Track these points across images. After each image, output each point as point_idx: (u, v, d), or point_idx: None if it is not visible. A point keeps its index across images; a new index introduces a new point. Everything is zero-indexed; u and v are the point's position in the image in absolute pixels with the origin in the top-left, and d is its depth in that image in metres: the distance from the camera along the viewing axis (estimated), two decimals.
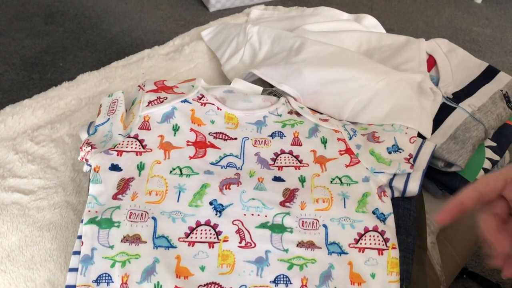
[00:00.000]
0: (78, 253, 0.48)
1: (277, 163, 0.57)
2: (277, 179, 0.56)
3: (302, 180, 0.56)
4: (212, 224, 0.51)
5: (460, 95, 0.68)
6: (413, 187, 0.56)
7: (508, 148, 0.68)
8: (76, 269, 0.47)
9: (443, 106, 0.66)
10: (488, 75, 0.72)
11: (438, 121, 0.65)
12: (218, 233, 0.51)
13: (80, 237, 0.49)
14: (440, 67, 0.73)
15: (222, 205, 0.53)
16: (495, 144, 0.65)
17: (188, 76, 0.78)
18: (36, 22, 1.96)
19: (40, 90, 0.74)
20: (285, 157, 0.58)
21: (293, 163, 0.58)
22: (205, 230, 0.51)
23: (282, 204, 0.53)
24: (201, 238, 0.50)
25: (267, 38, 0.79)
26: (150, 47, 0.85)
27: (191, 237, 0.50)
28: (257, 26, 0.81)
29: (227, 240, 0.50)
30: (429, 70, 0.73)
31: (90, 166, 0.54)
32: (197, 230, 0.51)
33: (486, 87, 0.70)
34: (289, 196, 0.54)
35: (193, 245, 0.50)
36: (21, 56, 1.78)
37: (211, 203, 0.53)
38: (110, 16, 2.04)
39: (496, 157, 0.64)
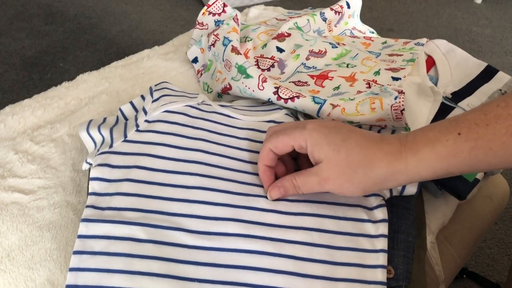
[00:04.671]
0: (78, 252, 0.48)
1: None
2: None
3: None
4: None
5: (459, 95, 0.68)
6: (411, 189, 0.55)
7: None
8: (76, 269, 0.47)
9: (442, 105, 0.66)
10: (487, 75, 0.72)
11: (437, 121, 0.65)
12: None
13: (80, 236, 0.49)
14: (439, 67, 0.73)
15: None
16: None
17: (188, 76, 0.78)
18: (36, 22, 1.96)
19: (40, 90, 0.74)
20: None
21: None
22: None
23: None
24: None
25: None
26: (150, 47, 0.85)
27: None
28: None
29: None
30: (428, 71, 0.73)
31: (90, 164, 0.54)
32: None
33: (485, 87, 0.70)
34: None
35: None
36: (21, 56, 1.78)
37: None
38: (110, 16, 2.04)
39: None
